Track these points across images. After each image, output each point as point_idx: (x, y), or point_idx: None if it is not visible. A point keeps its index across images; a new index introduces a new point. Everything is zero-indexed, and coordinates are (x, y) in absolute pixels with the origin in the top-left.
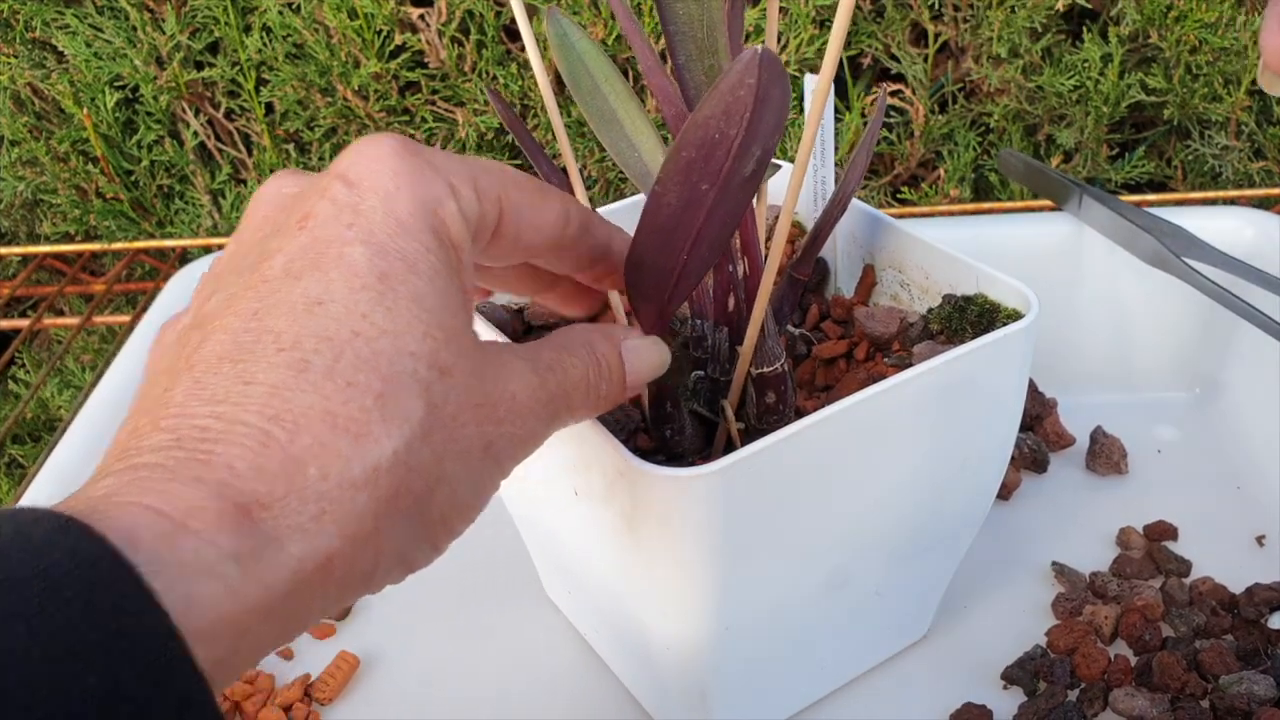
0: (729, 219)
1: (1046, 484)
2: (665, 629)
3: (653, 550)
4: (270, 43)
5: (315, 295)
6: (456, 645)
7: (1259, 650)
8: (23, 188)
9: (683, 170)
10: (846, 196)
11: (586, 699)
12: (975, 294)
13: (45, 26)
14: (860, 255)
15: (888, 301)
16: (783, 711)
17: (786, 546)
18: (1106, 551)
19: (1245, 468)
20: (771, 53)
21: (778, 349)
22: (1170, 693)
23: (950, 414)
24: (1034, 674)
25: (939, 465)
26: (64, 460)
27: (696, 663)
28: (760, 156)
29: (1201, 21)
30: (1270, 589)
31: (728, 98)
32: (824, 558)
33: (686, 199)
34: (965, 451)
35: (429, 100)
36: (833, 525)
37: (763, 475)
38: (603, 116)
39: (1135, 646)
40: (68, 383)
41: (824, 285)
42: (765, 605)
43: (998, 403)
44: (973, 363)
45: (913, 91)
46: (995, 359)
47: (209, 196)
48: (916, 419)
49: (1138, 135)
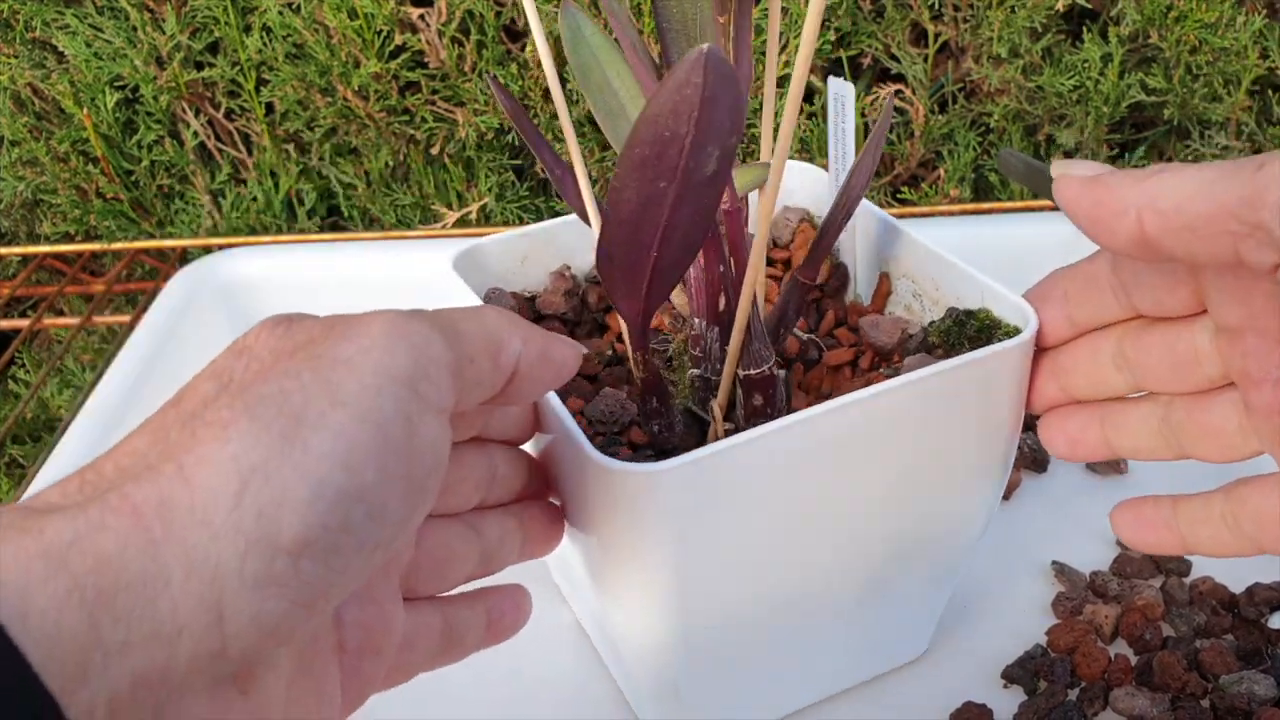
0: (697, 217)
1: (1046, 484)
2: (630, 624)
3: (613, 544)
4: (270, 43)
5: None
6: None
7: (1259, 650)
8: (23, 188)
9: (637, 166)
10: (852, 200)
11: (585, 698)
12: (979, 309)
13: (45, 26)
14: (877, 263)
15: (901, 311)
16: (769, 713)
17: (750, 549)
18: (1106, 551)
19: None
20: (718, 53)
21: (766, 352)
22: (1170, 692)
23: (932, 429)
24: (1034, 673)
25: (920, 481)
26: (64, 460)
27: (665, 659)
28: (720, 156)
29: (1201, 21)
30: (1270, 589)
31: (675, 96)
32: (794, 564)
33: (646, 195)
34: (951, 468)
35: (429, 100)
36: (802, 533)
37: (719, 477)
38: (610, 111)
39: (1135, 646)
40: (68, 383)
41: (843, 291)
42: (732, 606)
43: (987, 421)
44: (956, 379)
45: (913, 91)
46: (983, 376)
47: (209, 196)
48: (893, 432)
49: (1138, 135)
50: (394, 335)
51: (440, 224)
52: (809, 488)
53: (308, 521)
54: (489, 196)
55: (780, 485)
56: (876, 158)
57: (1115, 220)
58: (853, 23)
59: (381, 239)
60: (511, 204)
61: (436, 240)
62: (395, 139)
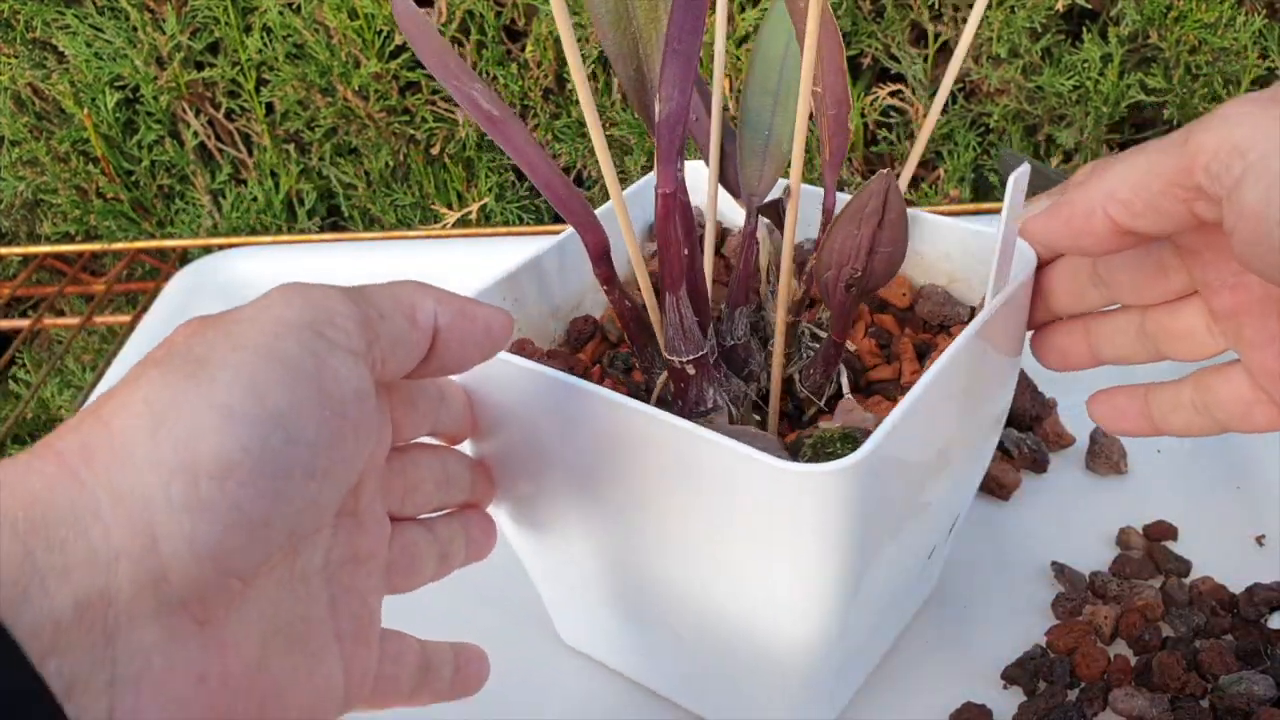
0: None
1: (1046, 484)
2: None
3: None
4: (270, 43)
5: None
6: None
7: (1259, 650)
8: (23, 188)
9: None
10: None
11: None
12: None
13: (46, 27)
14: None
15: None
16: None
17: (901, 534)
18: (1106, 551)
19: (1245, 468)
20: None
21: (682, 345)
22: (1170, 693)
23: (979, 383)
24: (1034, 674)
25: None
26: None
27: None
28: None
29: (1201, 21)
30: (1270, 589)
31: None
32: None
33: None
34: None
35: (429, 100)
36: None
37: (884, 466)
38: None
39: (1135, 646)
40: (68, 383)
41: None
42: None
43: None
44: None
45: (913, 91)
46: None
47: (209, 196)
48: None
49: (1138, 135)
50: (290, 292)
51: (440, 224)
52: (926, 453)
53: (225, 445)
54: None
55: (918, 458)
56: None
57: (1087, 223)
58: (853, 23)
59: (381, 239)
60: (511, 204)
61: (437, 240)
62: (395, 139)
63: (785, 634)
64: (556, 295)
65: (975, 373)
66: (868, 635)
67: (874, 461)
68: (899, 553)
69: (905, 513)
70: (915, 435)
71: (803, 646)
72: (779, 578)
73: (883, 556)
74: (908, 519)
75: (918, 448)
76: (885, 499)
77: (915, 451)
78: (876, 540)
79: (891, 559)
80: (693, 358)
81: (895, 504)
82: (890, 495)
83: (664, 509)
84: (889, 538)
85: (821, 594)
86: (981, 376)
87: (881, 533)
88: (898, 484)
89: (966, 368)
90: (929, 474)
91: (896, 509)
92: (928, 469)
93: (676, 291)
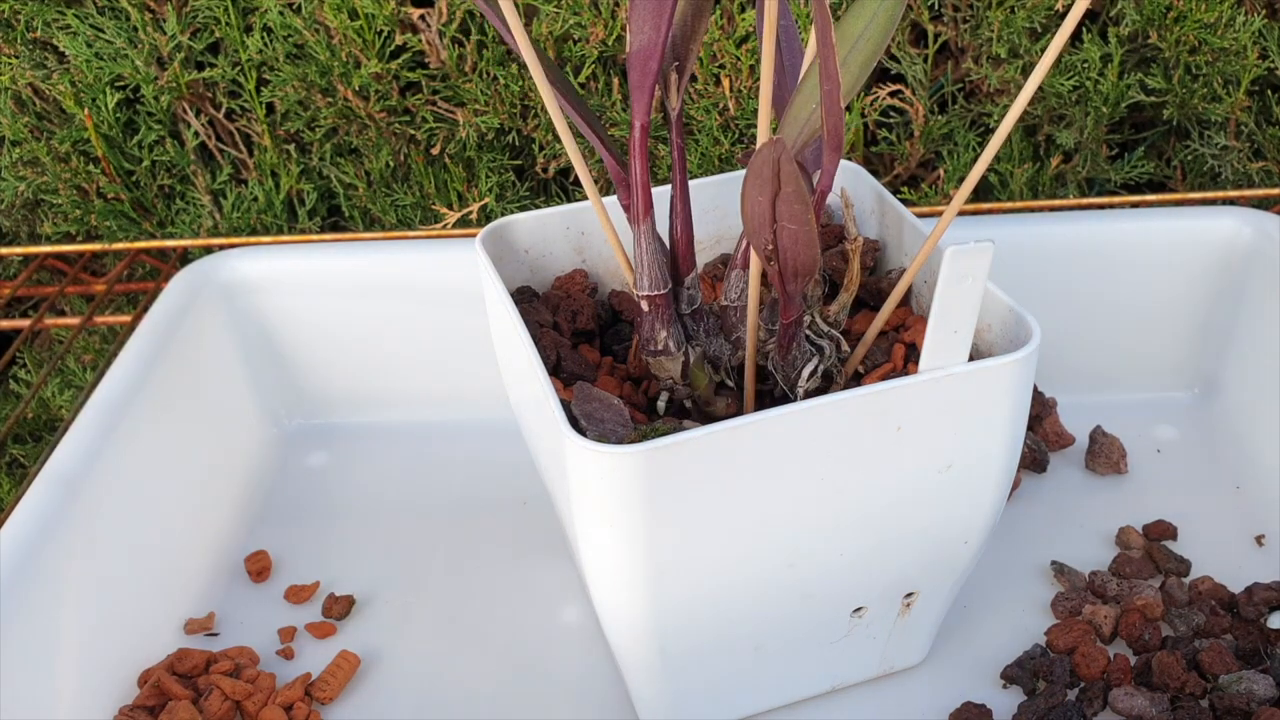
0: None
1: (1046, 484)
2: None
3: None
4: (271, 43)
5: None
6: (457, 645)
7: (1258, 650)
8: (24, 188)
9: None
10: None
11: (586, 697)
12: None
13: (46, 27)
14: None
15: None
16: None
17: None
18: (1106, 551)
19: (1245, 468)
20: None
21: (645, 280)
22: (1170, 692)
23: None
24: (1034, 673)
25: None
26: (64, 460)
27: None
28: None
29: (1201, 22)
30: (1270, 588)
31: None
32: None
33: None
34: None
35: (429, 100)
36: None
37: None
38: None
39: (1135, 646)
40: (69, 383)
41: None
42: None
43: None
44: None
45: (913, 92)
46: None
47: (210, 197)
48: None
49: (1137, 135)
50: None
51: (441, 224)
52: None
53: None
54: (489, 197)
55: (752, 477)
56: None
57: None
58: None
59: (382, 239)
60: (512, 204)
61: (437, 240)
62: (396, 139)
63: (608, 606)
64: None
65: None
66: (729, 648)
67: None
68: (755, 568)
69: (743, 528)
70: (739, 458)
71: (626, 625)
72: (595, 547)
73: (704, 558)
74: (752, 538)
75: (748, 475)
76: (692, 502)
77: (745, 476)
78: (679, 536)
79: (731, 569)
80: (648, 294)
81: (719, 514)
82: (705, 502)
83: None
84: (714, 543)
85: (618, 566)
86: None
87: (688, 531)
88: (719, 496)
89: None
90: (788, 504)
91: (725, 520)
92: (785, 499)
93: (644, 223)
